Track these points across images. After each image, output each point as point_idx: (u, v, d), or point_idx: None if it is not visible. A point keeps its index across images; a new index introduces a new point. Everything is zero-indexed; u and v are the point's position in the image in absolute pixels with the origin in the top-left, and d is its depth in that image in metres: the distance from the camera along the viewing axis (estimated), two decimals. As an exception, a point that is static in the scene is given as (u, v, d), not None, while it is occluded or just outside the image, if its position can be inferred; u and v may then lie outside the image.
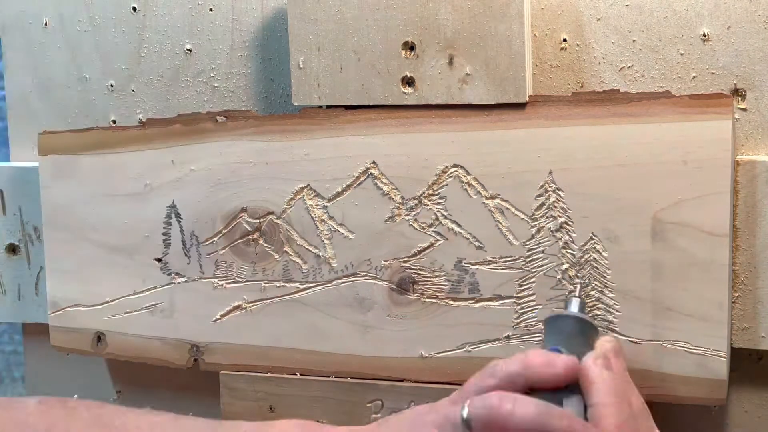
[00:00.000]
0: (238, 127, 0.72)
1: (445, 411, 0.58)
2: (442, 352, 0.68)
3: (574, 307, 0.60)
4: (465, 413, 0.55)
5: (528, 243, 0.65)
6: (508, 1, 0.64)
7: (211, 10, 0.76)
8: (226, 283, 0.74)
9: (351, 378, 0.70)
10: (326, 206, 0.70)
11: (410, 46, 0.66)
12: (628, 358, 0.63)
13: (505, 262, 0.66)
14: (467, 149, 0.66)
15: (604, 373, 0.56)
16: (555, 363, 0.56)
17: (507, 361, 0.57)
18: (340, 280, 0.70)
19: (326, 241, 0.70)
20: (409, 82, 0.67)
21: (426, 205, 0.68)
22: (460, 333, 0.68)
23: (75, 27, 0.81)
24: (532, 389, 0.56)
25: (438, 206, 0.67)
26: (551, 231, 0.65)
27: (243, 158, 0.72)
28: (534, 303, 0.66)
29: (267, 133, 0.71)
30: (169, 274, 0.75)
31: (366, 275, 0.70)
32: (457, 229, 0.67)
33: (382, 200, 0.69)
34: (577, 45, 0.68)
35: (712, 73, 0.65)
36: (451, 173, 0.67)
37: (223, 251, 0.74)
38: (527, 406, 0.54)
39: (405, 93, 0.67)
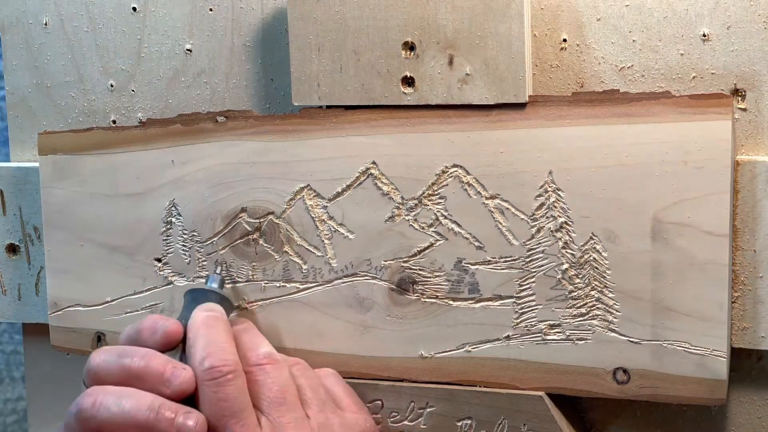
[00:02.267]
0: (238, 127, 0.72)
1: None
2: (442, 352, 0.68)
3: (213, 283, 0.70)
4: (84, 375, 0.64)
5: (528, 243, 0.66)
6: (508, 1, 0.64)
7: (211, 10, 0.76)
8: (226, 283, 0.73)
9: (350, 378, 0.70)
10: (326, 206, 0.70)
11: (410, 46, 0.67)
12: (627, 357, 0.63)
13: (505, 262, 0.66)
14: (467, 149, 0.66)
15: (199, 314, 0.65)
16: (157, 327, 0.64)
17: (133, 324, 0.66)
18: (340, 280, 0.70)
19: (326, 241, 0.70)
20: (409, 82, 0.67)
21: (426, 205, 0.68)
22: (460, 333, 0.68)
23: (75, 27, 0.81)
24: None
25: (438, 206, 0.67)
26: (551, 231, 0.65)
27: (243, 158, 0.72)
28: (534, 303, 0.66)
29: (267, 133, 0.71)
30: (169, 275, 0.75)
31: (366, 275, 0.70)
32: (457, 229, 0.67)
33: (382, 200, 0.69)
34: (577, 45, 0.68)
35: (712, 73, 0.65)
36: (451, 173, 0.67)
37: (223, 251, 0.74)
38: (111, 353, 0.63)
39: (405, 93, 0.67)
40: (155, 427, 0.59)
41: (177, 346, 0.64)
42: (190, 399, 0.61)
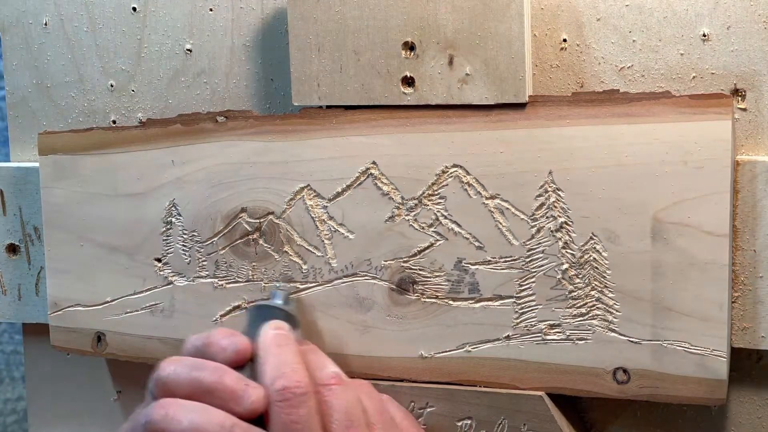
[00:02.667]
0: (238, 127, 0.72)
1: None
2: (442, 352, 0.68)
3: (278, 299, 0.68)
4: (150, 384, 0.62)
5: (528, 243, 0.66)
6: (508, 1, 0.64)
7: (211, 10, 0.76)
8: (226, 283, 0.74)
9: (350, 378, 0.70)
10: (326, 206, 0.70)
11: (410, 46, 0.67)
12: (627, 357, 0.63)
13: (505, 262, 0.66)
14: (467, 149, 0.66)
15: (268, 331, 0.63)
16: (228, 342, 0.62)
17: (199, 335, 0.64)
18: (340, 280, 0.70)
19: (326, 241, 0.70)
20: (409, 82, 0.67)
21: (426, 205, 0.68)
22: (460, 333, 0.68)
23: (75, 27, 0.81)
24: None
25: (438, 206, 0.67)
26: (551, 231, 0.65)
27: (243, 158, 0.72)
28: (534, 303, 0.66)
29: (267, 133, 0.71)
30: (169, 275, 0.75)
31: (366, 275, 0.70)
32: (457, 229, 0.67)
33: (382, 200, 0.69)
34: (577, 45, 0.68)
35: (712, 73, 0.65)
36: (451, 173, 0.67)
37: (223, 251, 0.74)
38: (183, 365, 0.61)
39: (405, 93, 0.67)
40: None
41: (246, 364, 0.62)
42: (258, 419, 0.59)
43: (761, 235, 0.64)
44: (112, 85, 0.80)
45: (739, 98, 0.65)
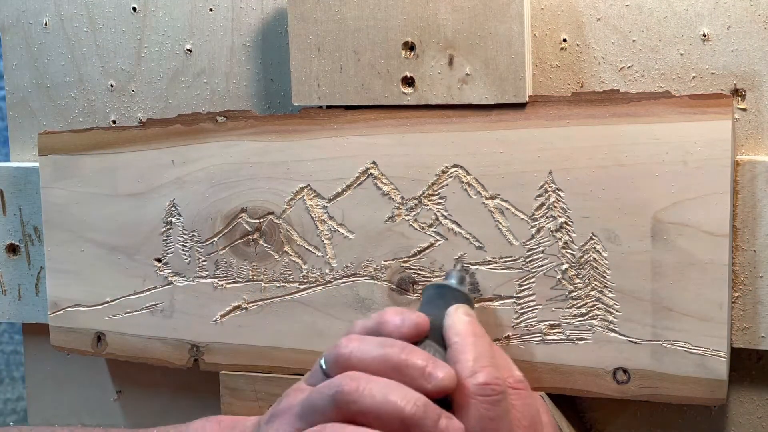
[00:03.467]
0: (238, 127, 0.72)
1: (313, 367, 0.62)
2: (442, 352, 0.68)
3: (452, 279, 0.65)
4: (322, 361, 0.60)
5: (528, 243, 0.66)
6: (508, 1, 0.64)
7: (211, 10, 0.76)
8: (226, 283, 0.74)
9: None
10: (326, 206, 0.70)
11: (410, 46, 0.67)
12: (627, 357, 0.63)
13: (505, 262, 0.66)
14: (467, 149, 0.66)
15: (462, 317, 0.61)
16: (403, 318, 0.60)
17: (367, 319, 0.63)
18: (340, 280, 0.70)
19: (326, 241, 0.70)
20: (409, 82, 0.67)
21: (426, 205, 0.68)
22: (460, 333, 0.67)
23: (75, 27, 0.81)
24: None
25: (438, 206, 0.67)
26: (551, 231, 0.65)
27: (243, 158, 0.72)
28: (534, 303, 0.66)
29: (267, 133, 0.71)
30: (169, 275, 0.75)
31: (366, 275, 0.70)
32: (457, 229, 0.67)
33: (382, 200, 0.69)
34: (577, 45, 0.68)
35: (712, 73, 0.65)
36: (451, 173, 0.67)
37: (223, 251, 0.74)
38: (368, 342, 0.58)
39: (405, 93, 0.67)
40: (420, 423, 0.56)
41: (423, 341, 0.61)
42: (444, 405, 0.58)
43: (761, 235, 0.64)
44: (112, 85, 0.80)
45: (739, 98, 0.65)
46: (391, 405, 0.55)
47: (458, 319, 0.61)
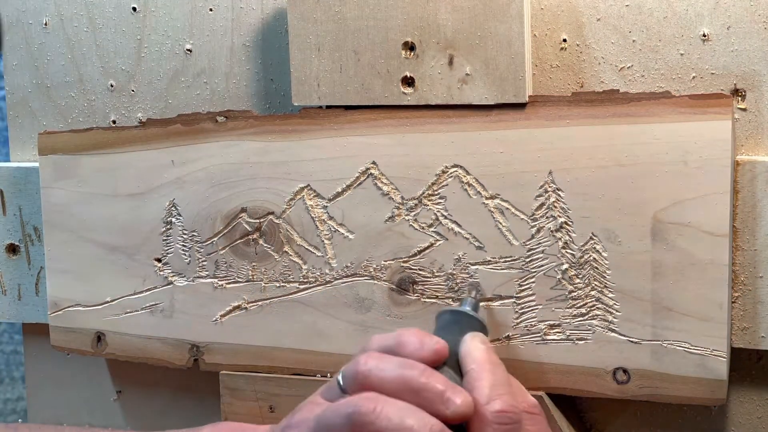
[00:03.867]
0: (238, 127, 0.72)
1: (329, 381, 0.62)
2: (442, 352, 0.68)
3: (467, 306, 0.65)
4: (340, 377, 0.60)
5: (528, 243, 0.66)
6: (508, 1, 0.64)
7: (211, 10, 0.76)
8: (226, 283, 0.74)
9: None
10: (326, 206, 0.70)
11: (410, 46, 0.67)
12: (627, 357, 0.63)
13: (505, 262, 0.66)
14: (467, 149, 0.66)
15: (479, 345, 0.60)
16: (424, 342, 0.59)
17: (384, 335, 0.61)
18: (340, 280, 0.70)
19: (326, 241, 0.70)
20: (409, 82, 0.67)
21: (426, 205, 0.68)
22: (460, 333, 0.68)
23: (75, 27, 0.81)
24: None
25: (438, 206, 0.67)
26: (551, 231, 0.65)
27: (243, 158, 0.72)
28: (534, 303, 0.66)
29: (267, 133, 0.71)
30: (169, 275, 0.75)
31: (366, 275, 0.70)
32: (457, 229, 0.67)
33: (382, 200, 0.69)
34: (577, 45, 0.68)
35: (712, 73, 0.65)
36: (451, 173, 0.67)
37: (223, 251, 0.74)
38: (389, 362, 0.58)
39: (405, 93, 0.67)
40: None
41: (441, 367, 0.60)
42: (458, 425, 0.58)
43: (761, 235, 0.64)
44: (112, 85, 0.80)
45: (739, 98, 0.65)
46: (407, 429, 0.55)
47: (475, 347, 0.61)
